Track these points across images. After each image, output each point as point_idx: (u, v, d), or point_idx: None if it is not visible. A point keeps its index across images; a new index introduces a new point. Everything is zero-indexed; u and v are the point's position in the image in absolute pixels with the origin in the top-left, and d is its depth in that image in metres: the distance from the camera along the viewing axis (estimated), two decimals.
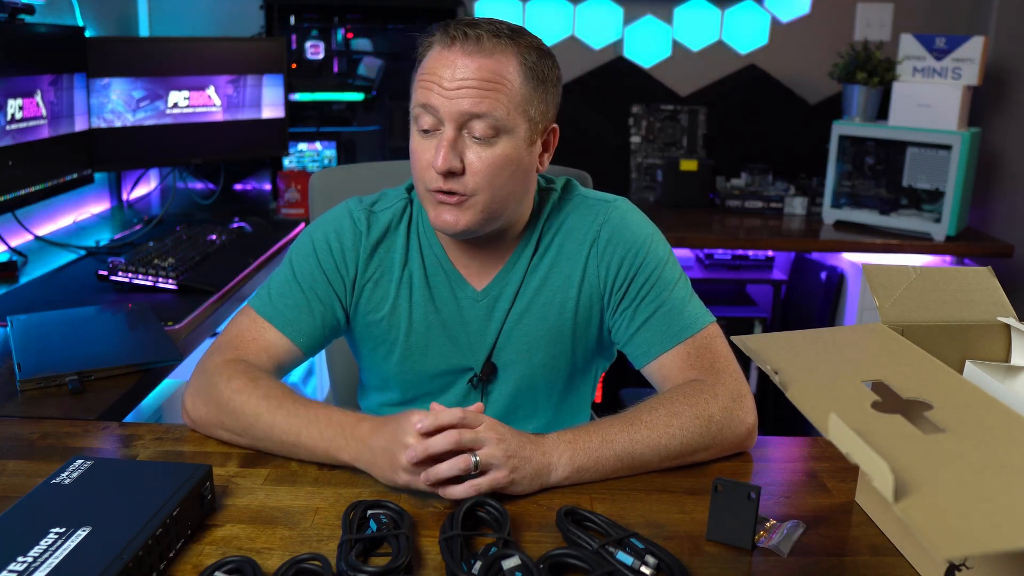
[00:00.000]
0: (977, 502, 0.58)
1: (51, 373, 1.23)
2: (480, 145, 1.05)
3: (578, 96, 3.06)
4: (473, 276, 1.18)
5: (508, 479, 0.92)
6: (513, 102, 1.05)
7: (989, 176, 2.87)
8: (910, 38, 2.60)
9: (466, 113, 1.03)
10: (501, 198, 1.08)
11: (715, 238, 2.60)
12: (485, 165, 1.05)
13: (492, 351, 1.19)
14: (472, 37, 1.04)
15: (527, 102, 1.07)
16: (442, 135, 1.05)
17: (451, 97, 1.03)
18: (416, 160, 1.09)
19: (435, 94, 1.04)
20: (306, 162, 2.80)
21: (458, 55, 1.04)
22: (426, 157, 1.07)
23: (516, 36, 1.07)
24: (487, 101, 1.03)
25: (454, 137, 1.04)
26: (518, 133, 1.07)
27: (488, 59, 1.04)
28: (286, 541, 0.86)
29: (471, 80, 1.03)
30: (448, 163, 1.04)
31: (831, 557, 0.86)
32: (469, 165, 1.05)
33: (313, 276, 1.16)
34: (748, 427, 1.05)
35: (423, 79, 1.06)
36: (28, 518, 0.80)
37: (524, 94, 1.06)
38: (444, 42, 1.05)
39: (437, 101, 1.04)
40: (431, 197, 1.08)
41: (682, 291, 1.15)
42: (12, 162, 1.82)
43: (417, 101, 1.07)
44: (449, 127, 1.04)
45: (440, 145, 1.04)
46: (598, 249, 1.16)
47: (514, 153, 1.07)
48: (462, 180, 1.06)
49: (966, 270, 0.97)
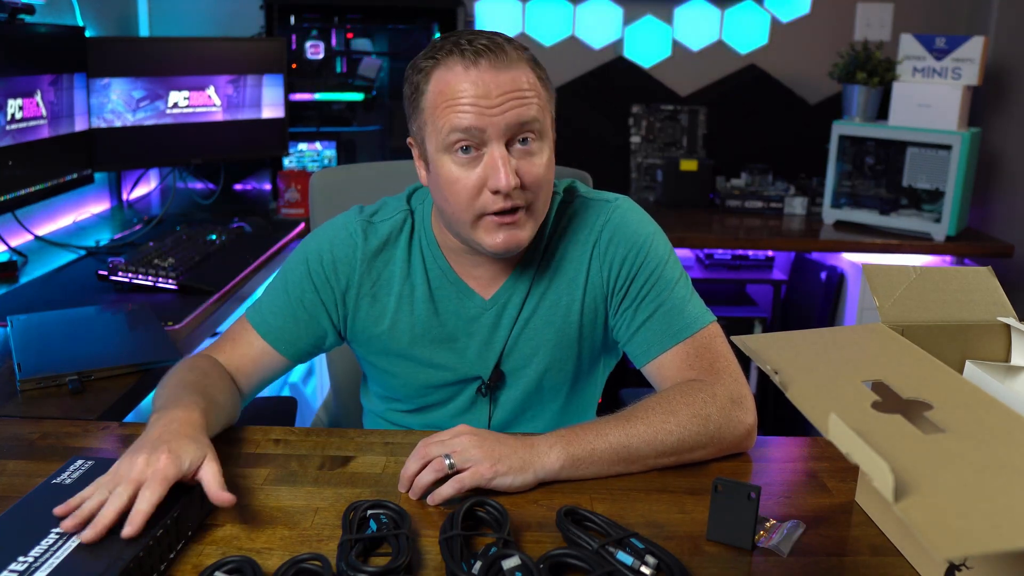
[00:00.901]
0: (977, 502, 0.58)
1: (51, 373, 1.23)
2: (529, 155, 1.05)
3: (578, 96, 3.06)
4: (480, 286, 1.17)
5: (492, 471, 0.93)
6: (543, 106, 1.06)
7: (989, 176, 2.87)
8: (910, 38, 2.60)
9: (514, 125, 1.02)
10: (545, 204, 1.10)
11: (715, 238, 2.60)
12: (540, 172, 1.06)
13: (500, 358, 1.19)
14: (496, 50, 1.02)
15: (549, 104, 1.08)
16: (491, 155, 1.02)
17: (496, 113, 1.01)
18: (460, 189, 1.04)
19: (474, 115, 1.01)
20: (306, 162, 2.80)
21: (486, 71, 1.01)
22: (471, 183, 1.04)
23: (515, 46, 1.06)
24: (531, 108, 1.03)
25: (506, 153, 1.03)
26: (549, 135, 1.08)
27: (516, 69, 1.03)
28: (286, 541, 0.86)
29: (513, 91, 1.02)
30: (514, 179, 1.02)
31: (831, 557, 0.86)
32: (525, 176, 1.04)
33: (301, 287, 1.17)
34: (747, 427, 1.05)
35: (450, 104, 1.02)
36: (28, 518, 0.80)
37: (546, 96, 1.07)
38: (464, 62, 1.02)
39: (482, 121, 1.01)
40: (487, 223, 1.06)
41: (683, 290, 1.15)
42: (12, 162, 1.82)
43: (452, 127, 1.02)
44: (497, 145, 1.02)
45: (497, 165, 1.02)
46: (600, 249, 1.16)
47: (552, 156, 1.09)
48: (522, 194, 1.05)
49: (966, 270, 0.97)
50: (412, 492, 0.94)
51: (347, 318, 1.19)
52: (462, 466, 0.93)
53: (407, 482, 0.94)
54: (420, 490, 0.94)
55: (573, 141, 3.04)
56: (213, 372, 1.10)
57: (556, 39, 3.03)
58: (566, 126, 3.02)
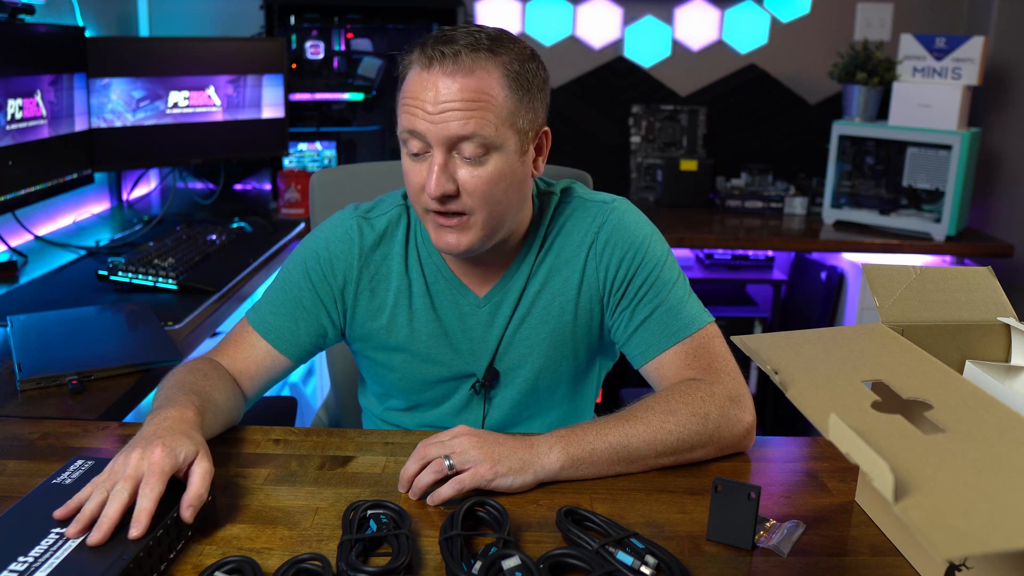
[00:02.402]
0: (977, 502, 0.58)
1: (51, 373, 1.23)
2: (472, 165, 1.03)
3: (578, 96, 3.06)
4: (475, 283, 1.18)
5: (492, 472, 0.93)
6: (500, 117, 1.03)
7: (989, 176, 2.87)
8: (910, 38, 2.60)
9: (453, 136, 1.01)
10: (499, 213, 1.07)
11: (715, 238, 2.60)
12: (480, 184, 1.04)
13: (494, 357, 1.19)
14: (450, 56, 1.00)
15: (514, 115, 1.04)
16: (432, 159, 1.03)
17: (436, 121, 1.01)
18: (409, 183, 1.08)
19: (419, 119, 1.02)
20: (306, 162, 2.80)
21: (438, 76, 1.01)
22: (418, 179, 1.06)
23: (496, 47, 1.03)
24: (473, 121, 1.01)
25: (444, 160, 1.03)
26: (508, 147, 1.05)
27: (469, 78, 1.01)
28: (286, 541, 0.86)
29: (455, 102, 1.00)
30: (441, 188, 1.02)
31: (831, 557, 0.86)
32: (463, 185, 1.04)
33: (299, 285, 1.18)
34: (746, 426, 1.05)
35: (406, 103, 1.04)
36: (28, 518, 0.80)
37: (510, 107, 1.03)
38: (422, 63, 1.02)
39: (423, 126, 1.02)
40: (432, 219, 1.08)
41: (680, 291, 1.15)
42: (12, 162, 1.82)
43: (403, 126, 1.05)
44: (438, 151, 1.03)
45: (431, 171, 1.03)
46: (596, 250, 1.16)
47: (506, 168, 1.05)
48: (459, 201, 1.05)
49: (966, 270, 0.97)
50: (412, 493, 0.94)
51: (346, 314, 1.19)
52: (461, 467, 0.93)
53: (406, 483, 0.95)
54: (419, 491, 0.94)
55: (573, 141, 3.04)
56: (213, 374, 1.10)
57: (556, 39, 3.03)
58: (566, 126, 3.02)
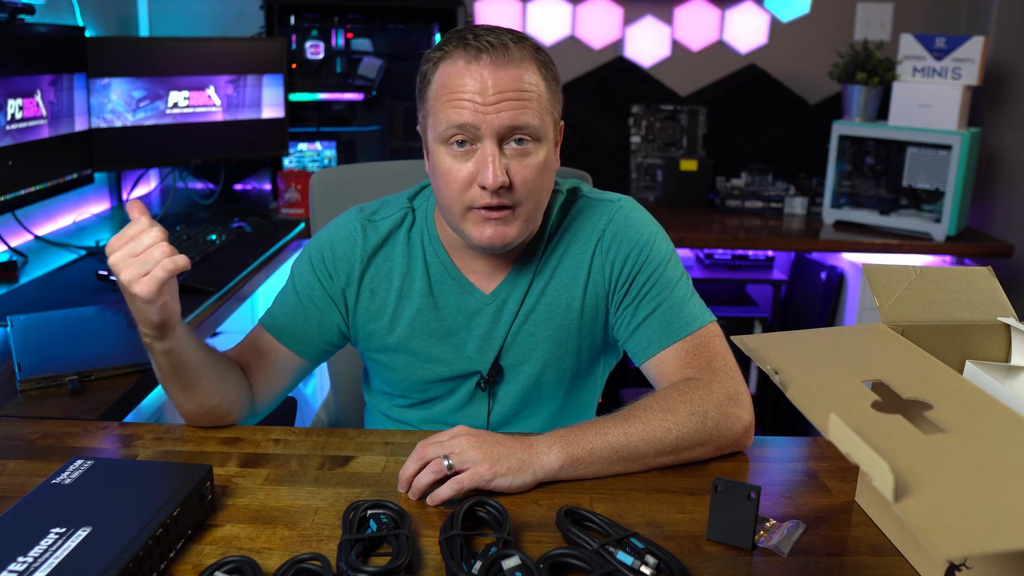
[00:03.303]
0: (977, 502, 0.58)
1: (51, 373, 1.24)
2: (522, 156, 1.05)
3: (578, 96, 3.06)
4: (481, 280, 1.18)
5: (491, 472, 0.93)
6: (543, 108, 1.06)
7: (989, 176, 2.87)
8: (910, 38, 2.60)
9: (507, 127, 1.03)
10: (540, 203, 1.10)
11: (715, 238, 2.60)
12: (531, 175, 1.05)
13: (499, 353, 1.19)
14: (499, 47, 1.02)
15: (552, 105, 1.08)
16: (483, 151, 1.03)
17: (490, 112, 1.02)
18: (451, 180, 1.06)
19: (471, 112, 1.02)
20: (306, 162, 2.80)
21: (487, 67, 1.02)
22: (462, 175, 1.05)
23: (525, 40, 1.07)
24: (528, 111, 1.03)
25: (498, 151, 1.03)
26: (549, 137, 1.08)
27: (518, 68, 1.03)
28: (286, 541, 0.86)
29: (509, 92, 1.02)
30: (500, 178, 1.03)
31: (831, 557, 0.86)
32: (514, 176, 1.05)
33: (310, 285, 1.19)
34: (744, 425, 1.05)
35: (451, 97, 1.03)
36: (28, 518, 0.80)
37: (549, 98, 1.07)
38: (468, 55, 1.02)
39: (476, 119, 1.02)
40: (475, 215, 1.07)
41: (683, 290, 1.15)
42: (12, 162, 1.82)
43: (450, 122, 1.03)
44: (490, 143, 1.03)
45: (487, 162, 1.03)
46: (602, 248, 1.17)
47: (549, 158, 1.08)
48: (511, 193, 1.05)
49: (966, 270, 0.97)
50: (411, 493, 0.94)
51: (347, 314, 1.20)
52: (460, 467, 0.93)
53: (406, 483, 0.95)
54: (419, 491, 0.94)
55: (573, 141, 3.04)
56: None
57: (556, 39, 3.03)
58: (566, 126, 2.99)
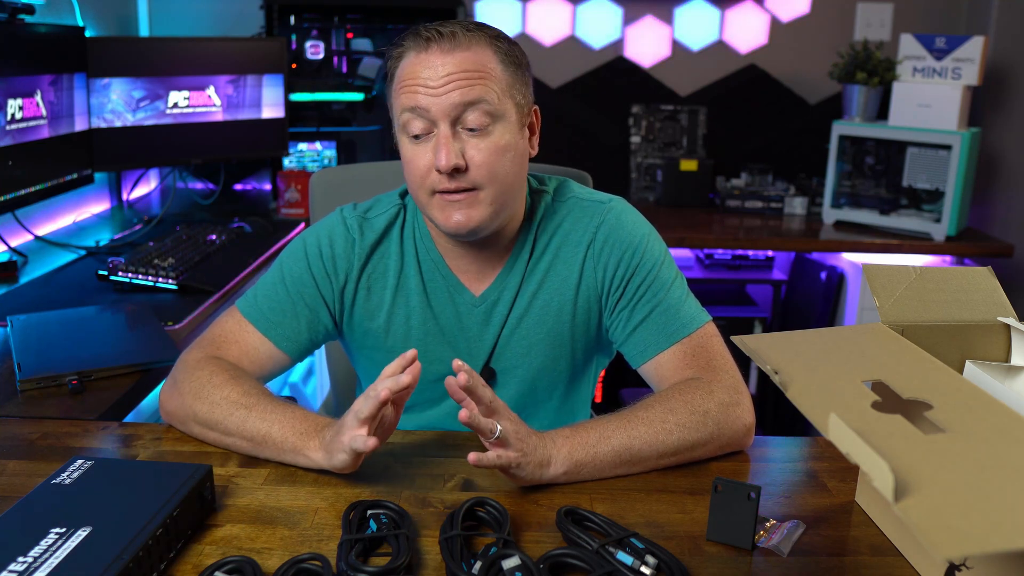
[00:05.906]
0: (977, 502, 0.58)
1: (51, 373, 1.23)
2: (478, 137, 1.05)
3: (578, 96, 3.06)
4: (471, 281, 1.18)
5: (517, 460, 0.93)
6: (500, 87, 1.06)
7: (989, 176, 2.87)
8: (910, 38, 2.60)
9: (458, 105, 1.04)
10: (506, 187, 1.09)
11: (715, 238, 2.60)
12: (487, 155, 1.05)
13: (490, 356, 1.19)
14: (447, 35, 1.05)
15: (511, 87, 1.08)
16: (437, 135, 1.05)
17: (440, 94, 1.03)
18: (413, 168, 1.08)
19: (422, 95, 1.04)
20: (306, 162, 2.80)
21: (436, 54, 1.04)
22: (423, 162, 1.06)
23: (483, 28, 1.09)
24: (477, 88, 1.04)
25: (451, 134, 1.05)
26: (510, 118, 1.08)
27: (467, 51, 1.05)
28: (286, 541, 0.86)
29: (456, 73, 1.04)
30: (452, 160, 1.03)
31: (831, 557, 0.86)
32: (471, 159, 1.05)
33: (302, 280, 1.17)
34: (745, 424, 1.05)
35: (405, 85, 1.06)
36: (28, 518, 0.80)
37: (507, 79, 1.07)
38: (418, 46, 1.06)
39: (426, 101, 1.04)
40: (438, 200, 1.07)
41: (678, 291, 1.15)
42: (12, 162, 1.82)
43: (403, 107, 1.06)
44: (444, 125, 1.04)
45: (440, 144, 1.04)
46: (595, 250, 1.16)
47: (511, 138, 1.08)
48: (467, 176, 1.05)
49: (966, 270, 0.97)
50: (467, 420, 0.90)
51: (343, 313, 1.19)
52: (503, 439, 0.91)
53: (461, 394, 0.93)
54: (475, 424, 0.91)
55: (573, 141, 3.03)
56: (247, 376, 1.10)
57: (556, 39, 3.03)
58: (566, 126, 3.01)
